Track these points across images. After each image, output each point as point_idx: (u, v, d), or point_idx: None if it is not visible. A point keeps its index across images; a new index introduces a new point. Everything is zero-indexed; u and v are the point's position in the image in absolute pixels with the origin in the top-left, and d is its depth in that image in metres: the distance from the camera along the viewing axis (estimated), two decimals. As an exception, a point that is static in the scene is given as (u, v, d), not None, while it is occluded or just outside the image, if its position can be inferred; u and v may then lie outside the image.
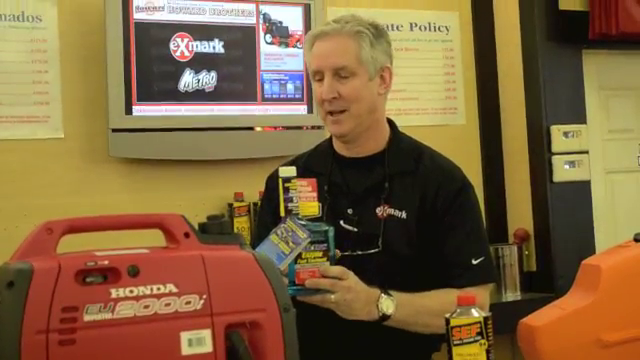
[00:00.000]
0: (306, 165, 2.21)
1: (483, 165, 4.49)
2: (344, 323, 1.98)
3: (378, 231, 2.07)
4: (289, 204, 1.91)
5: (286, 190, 1.91)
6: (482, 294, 2.03)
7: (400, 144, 2.18)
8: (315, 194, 1.93)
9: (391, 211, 2.09)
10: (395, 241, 2.07)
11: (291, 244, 1.87)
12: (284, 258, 1.86)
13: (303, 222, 1.89)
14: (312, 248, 1.89)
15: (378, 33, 2.13)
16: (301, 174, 1.98)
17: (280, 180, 1.92)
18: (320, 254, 1.90)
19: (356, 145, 2.16)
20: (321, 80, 2.09)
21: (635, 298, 1.60)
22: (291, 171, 1.93)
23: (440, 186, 2.10)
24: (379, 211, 2.09)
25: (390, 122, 2.22)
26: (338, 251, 1.97)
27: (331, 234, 1.92)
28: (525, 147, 4.35)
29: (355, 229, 2.09)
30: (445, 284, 2.05)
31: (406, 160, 2.15)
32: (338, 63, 2.07)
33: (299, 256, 1.88)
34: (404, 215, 2.08)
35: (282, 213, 1.91)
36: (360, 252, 2.07)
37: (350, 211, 2.11)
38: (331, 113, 2.10)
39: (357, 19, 2.13)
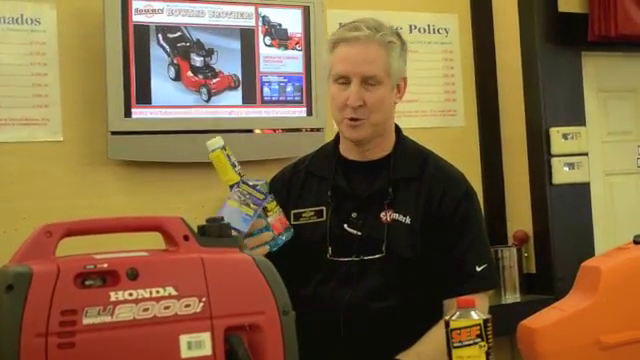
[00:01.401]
0: (309, 168, 2.21)
1: (482, 167, 4.48)
2: (341, 326, 1.98)
3: (382, 235, 2.07)
4: (236, 168, 1.99)
5: (228, 157, 1.99)
6: (482, 300, 2.03)
7: (405, 149, 2.18)
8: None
9: (395, 216, 2.09)
10: (399, 246, 2.07)
11: (252, 206, 1.94)
12: (250, 220, 1.94)
13: (251, 183, 1.97)
14: (268, 200, 2.00)
15: (403, 44, 2.11)
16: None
17: (220, 151, 1.99)
18: (275, 203, 2.02)
19: (366, 149, 2.15)
20: (345, 84, 2.07)
21: (635, 300, 1.60)
22: (220, 140, 2.01)
23: (445, 192, 2.11)
24: (383, 216, 2.09)
25: (395, 127, 2.21)
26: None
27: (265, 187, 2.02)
28: (524, 149, 4.34)
29: (359, 233, 2.09)
30: (447, 291, 2.05)
31: (411, 166, 2.15)
32: (369, 71, 2.04)
33: (265, 210, 1.97)
34: (408, 220, 2.08)
35: (232, 181, 1.96)
36: (364, 258, 2.07)
37: (354, 215, 2.11)
38: (351, 119, 2.08)
39: (386, 26, 2.08)
